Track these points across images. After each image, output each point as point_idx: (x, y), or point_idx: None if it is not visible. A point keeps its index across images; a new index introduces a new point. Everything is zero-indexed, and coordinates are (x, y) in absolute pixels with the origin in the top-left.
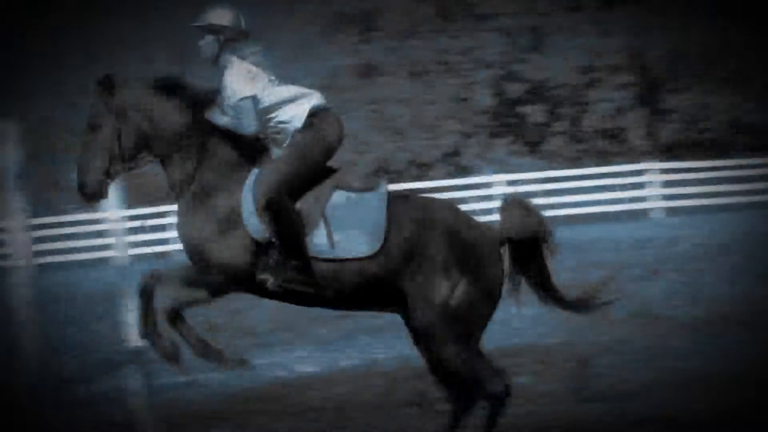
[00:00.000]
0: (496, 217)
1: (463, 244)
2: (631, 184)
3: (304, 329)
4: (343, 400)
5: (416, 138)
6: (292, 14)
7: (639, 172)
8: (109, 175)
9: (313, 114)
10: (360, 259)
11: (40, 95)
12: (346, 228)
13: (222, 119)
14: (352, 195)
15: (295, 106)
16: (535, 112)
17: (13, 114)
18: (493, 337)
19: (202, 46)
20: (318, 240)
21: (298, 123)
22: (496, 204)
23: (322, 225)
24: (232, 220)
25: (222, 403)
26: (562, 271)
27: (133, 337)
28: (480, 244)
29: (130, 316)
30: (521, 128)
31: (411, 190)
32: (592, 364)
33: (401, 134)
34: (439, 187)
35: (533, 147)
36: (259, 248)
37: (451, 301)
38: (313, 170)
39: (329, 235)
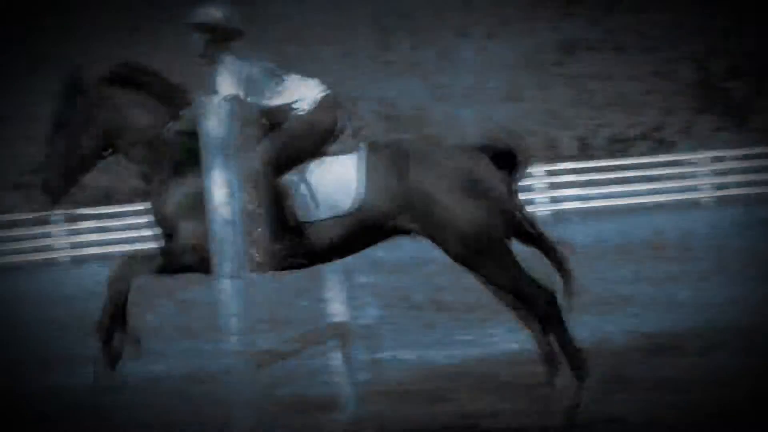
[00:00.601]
0: (697, 195)
1: (446, 167)
2: None
3: (503, 307)
4: (540, 379)
5: (618, 114)
6: None
7: None
8: (74, 174)
9: (315, 104)
10: (346, 215)
11: None
12: (326, 189)
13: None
14: (329, 158)
15: (296, 103)
16: (739, 88)
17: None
18: (693, 317)
19: (195, 44)
20: (302, 205)
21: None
22: (698, 182)
23: (304, 190)
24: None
25: (419, 380)
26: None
27: (335, 313)
28: (461, 163)
29: (331, 293)
30: (725, 104)
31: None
32: None
33: (602, 110)
34: (641, 164)
35: (737, 123)
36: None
37: (463, 222)
38: (300, 153)
39: (312, 198)
